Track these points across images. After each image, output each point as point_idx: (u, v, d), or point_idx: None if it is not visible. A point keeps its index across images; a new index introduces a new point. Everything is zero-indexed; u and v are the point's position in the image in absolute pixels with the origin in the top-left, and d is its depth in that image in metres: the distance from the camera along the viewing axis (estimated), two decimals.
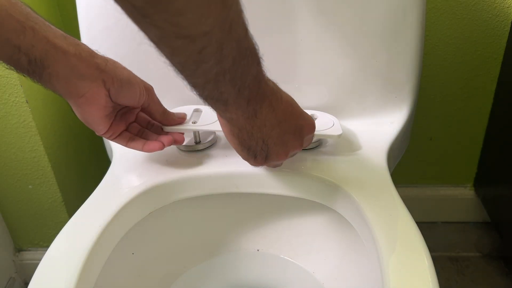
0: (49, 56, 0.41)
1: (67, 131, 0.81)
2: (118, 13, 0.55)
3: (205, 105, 0.38)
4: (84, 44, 0.45)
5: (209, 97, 0.37)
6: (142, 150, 0.51)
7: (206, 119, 0.55)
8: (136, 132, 0.52)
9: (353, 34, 0.57)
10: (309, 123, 0.47)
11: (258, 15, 0.34)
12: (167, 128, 0.54)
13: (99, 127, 0.48)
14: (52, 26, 0.43)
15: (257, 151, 0.44)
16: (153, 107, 0.52)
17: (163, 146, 0.50)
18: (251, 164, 0.48)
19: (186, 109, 0.57)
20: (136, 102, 0.49)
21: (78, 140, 0.86)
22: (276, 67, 0.41)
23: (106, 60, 0.46)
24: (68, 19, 0.79)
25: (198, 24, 0.28)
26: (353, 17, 0.56)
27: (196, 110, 0.57)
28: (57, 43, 0.42)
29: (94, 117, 0.47)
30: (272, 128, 0.42)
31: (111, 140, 0.51)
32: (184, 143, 0.55)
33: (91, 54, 0.45)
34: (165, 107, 0.56)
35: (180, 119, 0.54)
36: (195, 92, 0.36)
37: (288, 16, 0.56)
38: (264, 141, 0.43)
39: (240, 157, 0.48)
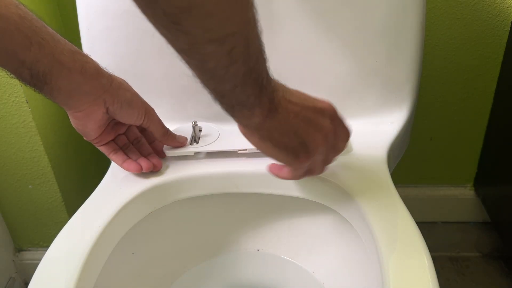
0: (53, 72, 0.42)
1: (67, 131, 0.81)
2: (118, 13, 0.55)
3: (229, 122, 0.39)
4: (93, 61, 0.45)
5: (236, 104, 0.37)
6: (120, 165, 0.52)
7: (207, 138, 0.57)
8: (122, 144, 0.53)
9: (353, 34, 0.57)
10: (326, 104, 0.45)
11: (258, 15, 0.34)
12: (170, 153, 0.55)
13: (89, 135, 0.50)
14: (62, 41, 0.43)
15: (295, 147, 0.42)
16: (153, 128, 0.52)
17: (141, 170, 0.51)
18: (298, 168, 0.45)
19: (185, 127, 0.58)
20: (133, 123, 0.51)
21: (78, 140, 0.86)
22: (276, 67, 0.40)
23: (112, 80, 0.47)
24: (68, 19, 0.79)
25: (226, 24, 0.29)
26: (353, 17, 0.56)
27: (195, 124, 0.58)
28: (63, 60, 0.42)
29: (87, 128, 0.48)
30: (296, 116, 0.41)
31: (97, 146, 0.52)
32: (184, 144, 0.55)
33: (98, 72, 0.45)
34: (164, 107, 0.56)
35: (180, 143, 0.55)
36: (222, 103, 0.36)
37: (288, 17, 0.56)
38: (295, 133, 0.42)
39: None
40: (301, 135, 0.42)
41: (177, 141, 0.55)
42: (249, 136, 0.43)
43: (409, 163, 0.92)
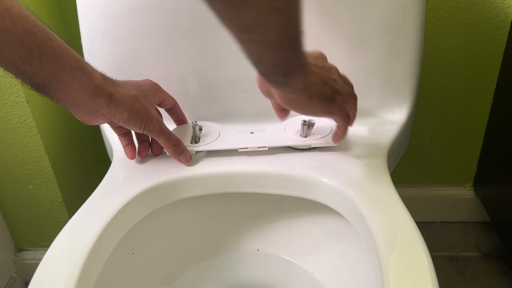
0: (52, 86, 0.43)
1: (67, 131, 0.81)
2: (118, 13, 0.55)
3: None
4: (94, 80, 0.45)
5: (290, 70, 0.41)
6: (124, 148, 0.55)
7: (207, 138, 0.57)
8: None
9: (353, 34, 0.57)
10: (319, 53, 0.50)
11: None
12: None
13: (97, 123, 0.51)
14: (65, 56, 0.43)
15: (328, 94, 0.47)
16: (157, 138, 0.53)
17: (134, 157, 0.55)
18: (340, 114, 0.49)
19: (185, 127, 0.59)
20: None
21: (78, 140, 0.86)
22: None
23: (111, 99, 0.47)
24: (68, 19, 0.79)
25: None
26: (353, 17, 0.56)
27: (195, 124, 0.58)
28: (62, 75, 0.43)
29: (92, 124, 0.50)
30: (315, 65, 0.47)
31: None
32: (185, 144, 0.55)
33: (96, 91, 0.45)
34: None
35: (185, 160, 0.54)
36: (276, 74, 0.40)
37: None
38: (324, 82, 0.47)
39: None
40: (326, 81, 0.47)
41: (183, 158, 0.54)
42: (296, 103, 0.47)
43: (409, 163, 0.92)
